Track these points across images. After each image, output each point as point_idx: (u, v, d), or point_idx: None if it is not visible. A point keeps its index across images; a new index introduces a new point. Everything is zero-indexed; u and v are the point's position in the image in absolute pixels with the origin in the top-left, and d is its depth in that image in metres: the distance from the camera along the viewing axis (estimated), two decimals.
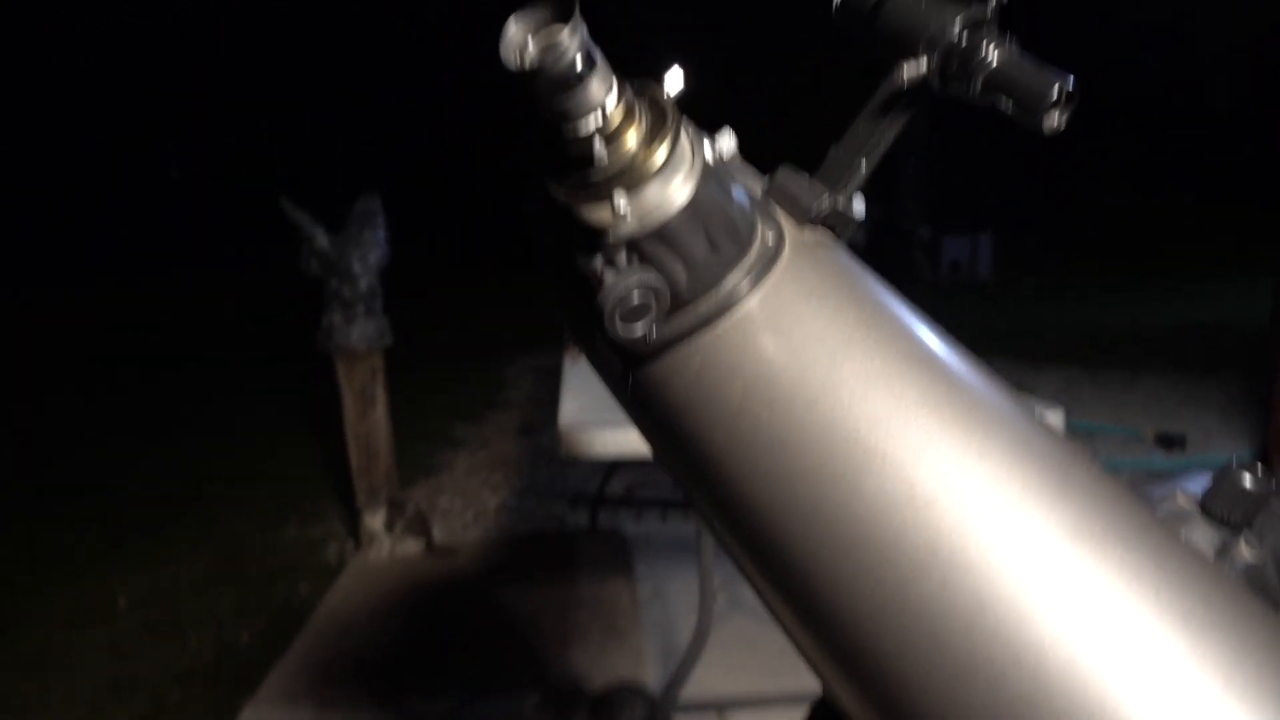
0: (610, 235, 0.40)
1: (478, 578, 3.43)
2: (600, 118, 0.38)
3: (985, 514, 0.37)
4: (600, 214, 0.40)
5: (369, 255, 3.38)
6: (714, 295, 0.42)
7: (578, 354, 0.60)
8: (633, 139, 0.39)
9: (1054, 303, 10.68)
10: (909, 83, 0.44)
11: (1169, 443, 4.68)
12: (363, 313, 3.37)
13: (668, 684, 2.44)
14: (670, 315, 0.42)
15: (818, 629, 0.41)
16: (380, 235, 3.42)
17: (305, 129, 16.96)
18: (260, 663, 2.85)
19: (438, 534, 3.75)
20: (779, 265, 0.43)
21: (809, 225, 0.45)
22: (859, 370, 0.40)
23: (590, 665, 2.74)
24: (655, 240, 0.40)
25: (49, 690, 2.81)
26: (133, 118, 16.76)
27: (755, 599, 0.45)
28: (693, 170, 0.40)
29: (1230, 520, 0.43)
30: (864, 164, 0.46)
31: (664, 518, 3.86)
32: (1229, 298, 9.45)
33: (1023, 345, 7.32)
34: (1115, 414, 5.32)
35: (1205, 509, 0.43)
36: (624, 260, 0.41)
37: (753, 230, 0.43)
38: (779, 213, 0.45)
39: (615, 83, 0.38)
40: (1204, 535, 0.42)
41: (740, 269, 0.42)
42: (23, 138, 15.50)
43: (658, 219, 0.39)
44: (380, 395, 3.52)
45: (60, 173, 16.38)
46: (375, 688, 2.69)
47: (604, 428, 2.22)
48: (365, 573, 3.45)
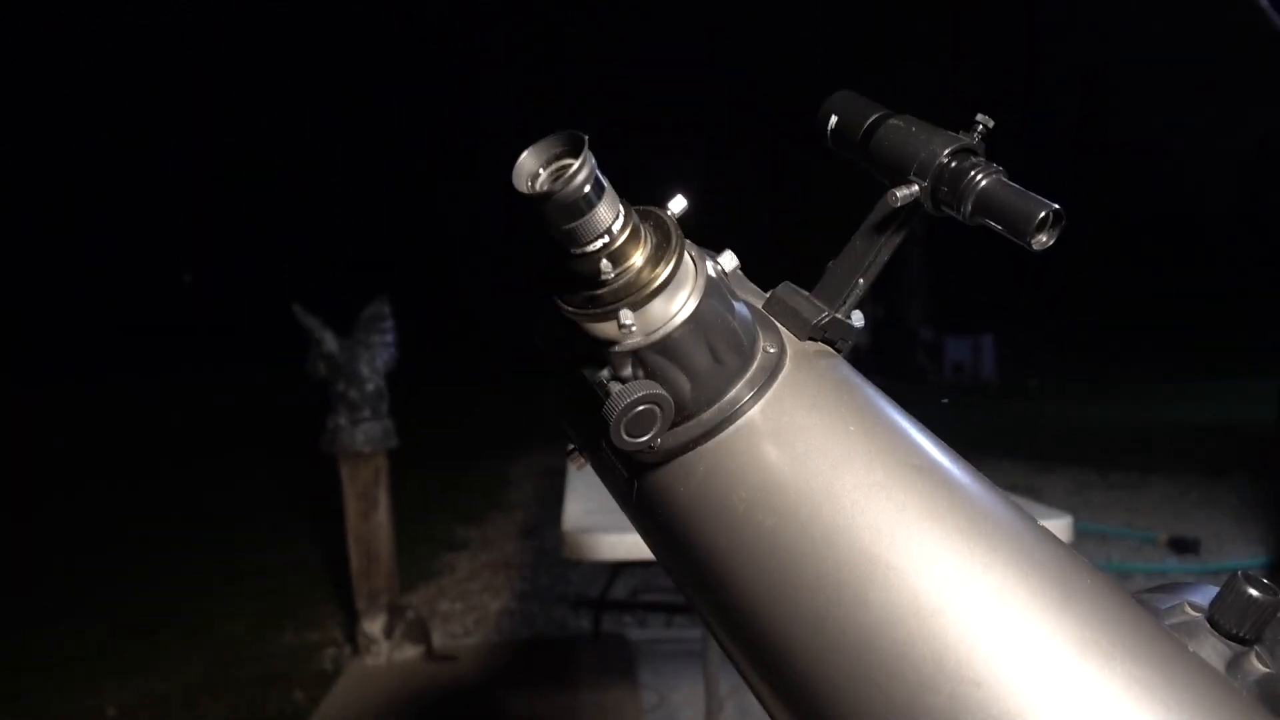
0: (616, 348, 0.41)
1: (478, 684, 3.33)
2: (607, 240, 0.40)
3: (991, 626, 0.37)
4: (606, 328, 0.41)
5: (377, 358, 3.41)
6: (717, 406, 0.43)
7: (582, 463, 0.61)
8: (638, 258, 0.41)
9: (1059, 403, 10.67)
10: (902, 202, 0.46)
11: (1182, 547, 4.59)
12: (369, 415, 3.39)
13: None
14: (674, 425, 0.43)
15: None
16: (389, 339, 3.46)
17: (317, 234, 17.36)
18: None
19: (438, 639, 3.66)
20: (780, 377, 0.44)
21: (809, 339, 0.46)
22: (861, 480, 0.41)
23: None
24: (660, 353, 0.41)
25: None
26: (149, 223, 17.19)
27: (762, 710, 0.45)
28: (696, 286, 0.42)
29: (1239, 634, 0.42)
30: (861, 281, 0.48)
31: (669, 623, 3.77)
32: (1235, 399, 9.44)
33: (1030, 446, 7.28)
34: (1127, 517, 5.24)
35: (1213, 621, 0.43)
36: (629, 372, 0.42)
37: (755, 343, 0.44)
38: (780, 326, 0.46)
39: (622, 208, 0.40)
40: (1213, 648, 0.42)
41: (743, 380, 0.43)
42: (39, 239, 15.87)
43: (662, 333, 0.41)
44: (383, 497, 3.50)
45: (74, 273, 16.70)
46: None
47: (608, 531, 2.19)
48: (363, 679, 3.36)
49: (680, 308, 0.41)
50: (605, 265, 0.40)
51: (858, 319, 0.48)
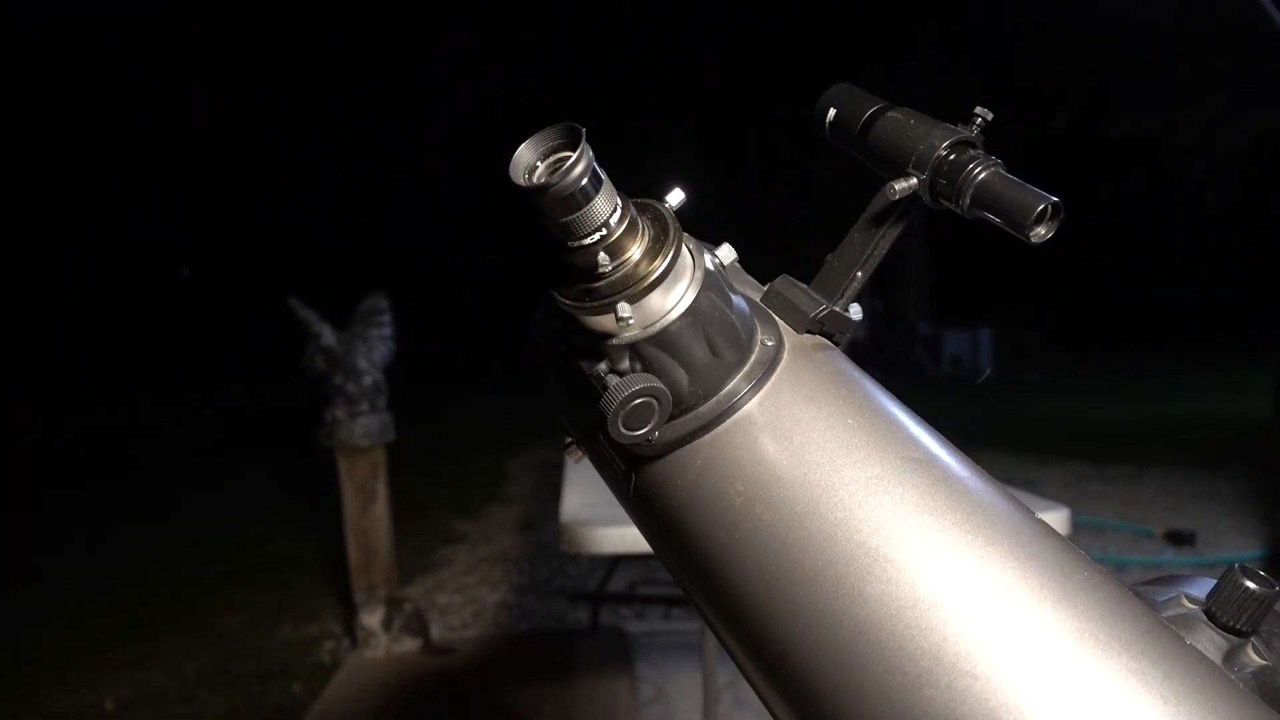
0: (614, 341, 0.41)
1: (476, 677, 3.33)
2: (604, 233, 0.40)
3: (989, 620, 0.37)
4: (604, 321, 0.41)
5: (375, 352, 3.41)
6: (715, 399, 0.43)
7: (580, 456, 0.61)
8: (635, 251, 0.41)
9: (1057, 397, 10.68)
10: (900, 195, 0.46)
11: (1179, 540, 4.60)
12: (366, 409, 3.38)
13: None
14: (672, 418, 0.43)
15: None
16: (387, 332, 3.46)
17: (315, 227, 17.33)
18: None
19: (436, 632, 3.67)
20: (778, 370, 0.44)
21: (807, 332, 0.46)
22: (859, 474, 0.41)
23: None
24: (657, 346, 0.41)
25: None
26: (146, 217, 17.15)
27: (760, 702, 0.45)
28: (693, 280, 0.41)
29: (1236, 626, 0.42)
30: (860, 274, 0.47)
31: (667, 615, 3.78)
32: (1231, 391, 9.45)
33: (1028, 440, 7.29)
34: (1123, 510, 5.25)
35: (1210, 614, 0.43)
36: (627, 365, 0.42)
37: (752, 336, 0.44)
38: (778, 320, 0.46)
39: (619, 200, 0.40)
40: (1210, 641, 0.42)
41: (740, 374, 0.43)
42: (34, 233, 15.84)
43: (660, 326, 0.41)
44: (381, 491, 3.50)
45: (70, 267, 16.67)
46: None
47: (606, 524, 2.20)
48: (361, 672, 3.36)
49: (678, 301, 0.41)
50: (603, 258, 0.40)
51: (856, 312, 0.48)
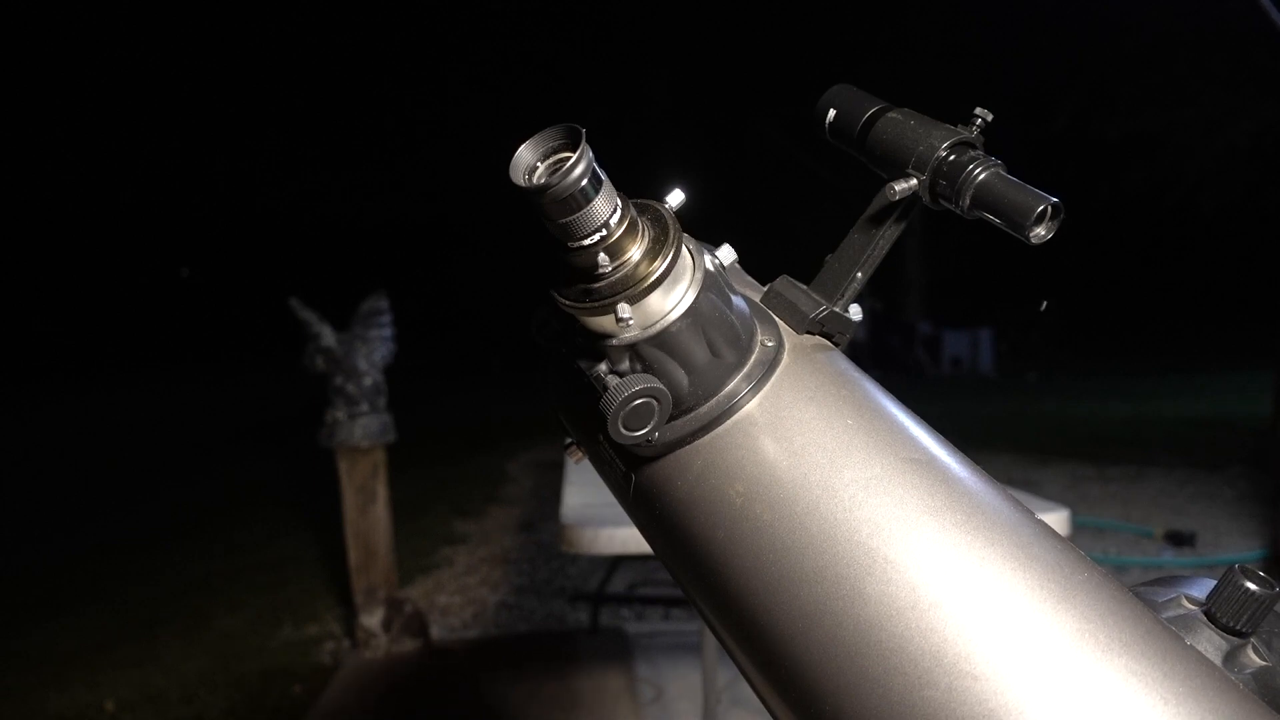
0: (614, 341, 0.41)
1: (476, 678, 3.33)
2: (604, 233, 0.40)
3: (989, 620, 0.37)
4: (604, 322, 0.41)
5: (375, 353, 3.41)
6: (715, 400, 0.43)
7: (580, 456, 0.61)
8: (636, 252, 0.41)
9: (1057, 397, 10.68)
10: (900, 196, 0.46)
11: (1179, 541, 4.61)
12: (366, 409, 3.38)
13: None
14: (672, 419, 0.43)
15: None
16: (387, 332, 3.46)
17: (315, 228, 17.33)
18: None
19: (435, 632, 3.67)
20: (778, 370, 0.44)
21: (807, 332, 0.46)
22: (859, 474, 0.41)
23: None
24: (657, 346, 0.41)
25: None
26: (146, 218, 17.16)
27: (760, 703, 0.45)
28: (693, 280, 0.41)
29: (1236, 627, 0.42)
30: (860, 275, 0.47)
31: (666, 616, 3.78)
32: (1231, 392, 9.45)
33: (1028, 440, 7.29)
34: (1123, 510, 5.25)
35: (1210, 615, 0.43)
36: (627, 366, 0.42)
37: (752, 337, 0.44)
38: (778, 320, 0.46)
39: (619, 201, 0.40)
40: (1210, 641, 0.42)
41: (740, 374, 0.43)
42: (34, 233, 15.84)
43: (659, 326, 0.41)
44: (381, 492, 3.50)
45: (70, 268, 16.67)
46: None
47: (606, 524, 2.20)
48: (361, 673, 3.36)
49: (678, 301, 0.41)
50: (603, 258, 0.40)
51: (856, 313, 0.48)
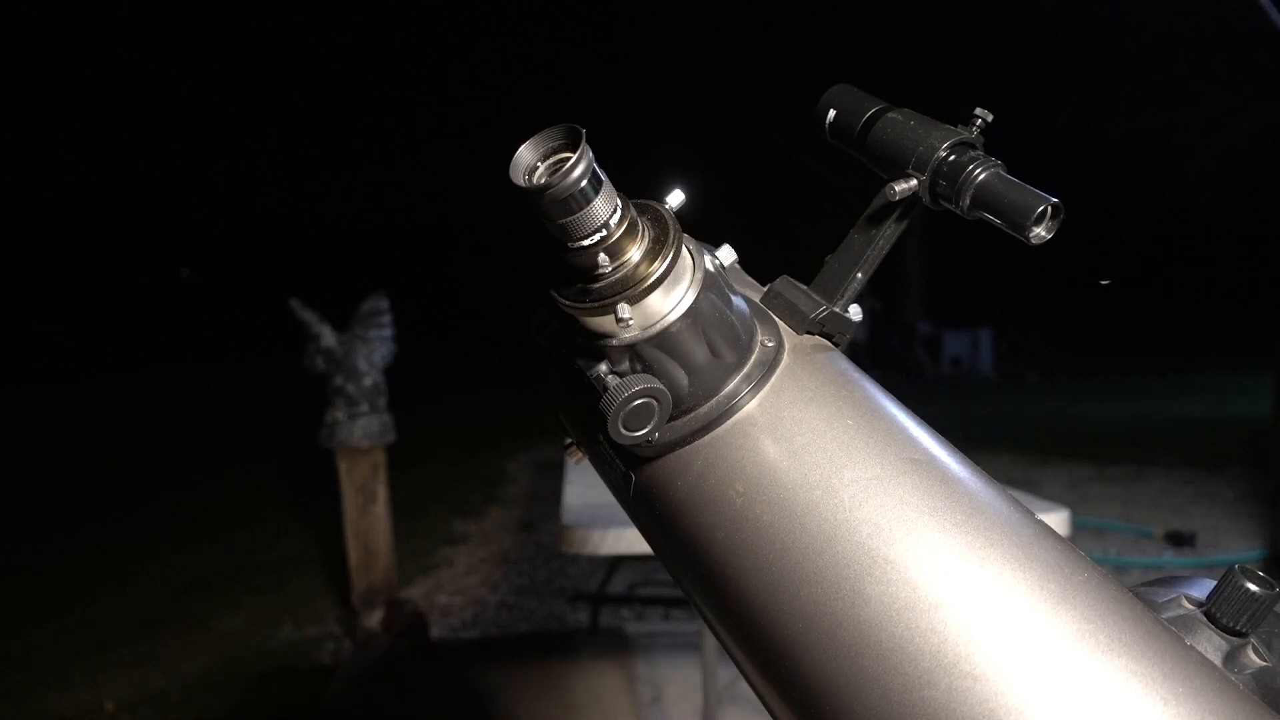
0: (613, 342, 0.41)
1: (476, 678, 3.33)
2: (604, 234, 0.40)
3: (989, 621, 0.37)
4: (604, 322, 0.41)
5: (375, 353, 3.41)
6: (715, 400, 0.43)
7: (580, 457, 0.61)
8: (635, 252, 0.41)
9: (1057, 397, 10.67)
10: (900, 196, 0.46)
11: (1179, 541, 4.60)
12: (366, 410, 3.38)
13: None
14: (672, 419, 0.43)
15: None
16: (387, 333, 3.46)
17: (314, 227, 17.33)
18: None
19: (435, 633, 3.67)
20: (778, 371, 0.44)
21: (807, 333, 0.46)
22: (859, 475, 0.41)
23: None
24: (657, 347, 0.41)
25: None
26: (146, 218, 17.15)
27: (760, 703, 0.45)
28: (693, 281, 0.41)
29: (1236, 627, 0.42)
30: (860, 275, 0.47)
31: (666, 616, 3.78)
32: (1231, 392, 9.45)
33: (1028, 440, 7.29)
34: (1123, 511, 5.25)
35: (1210, 615, 0.43)
36: (627, 366, 0.42)
37: (752, 337, 0.44)
38: (778, 321, 0.46)
39: (619, 202, 0.40)
40: (1210, 642, 0.42)
41: (740, 375, 0.43)
42: (34, 233, 15.84)
43: (659, 327, 0.41)
44: (381, 492, 3.50)
45: (72, 270, 16.67)
46: None
47: (606, 525, 2.19)
48: (361, 673, 3.36)
49: (678, 302, 0.41)
50: (603, 259, 0.40)
51: (856, 313, 0.48)
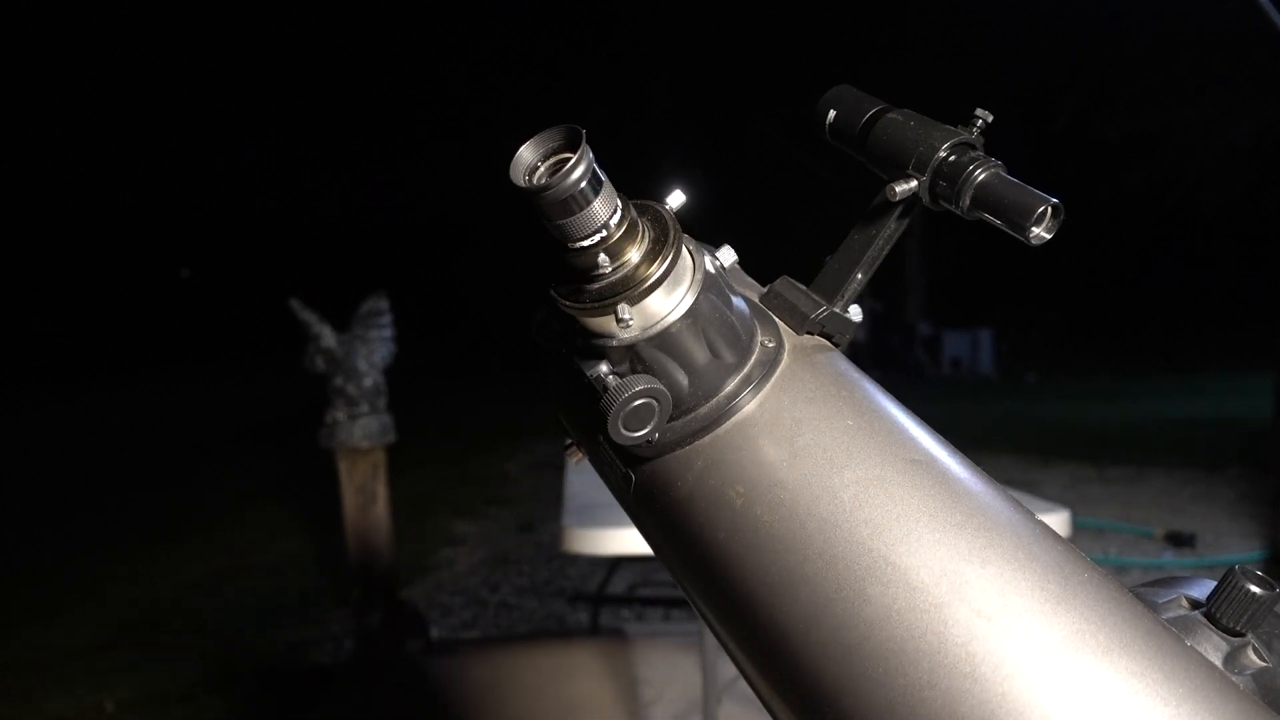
0: (614, 342, 0.41)
1: (476, 679, 3.33)
2: (604, 234, 0.40)
3: (989, 621, 0.37)
4: (604, 322, 0.41)
5: (375, 353, 3.41)
6: (715, 401, 0.43)
7: (580, 457, 0.61)
8: (635, 253, 0.41)
9: (1057, 397, 10.68)
10: (900, 197, 0.46)
11: (1179, 541, 4.61)
12: (367, 410, 3.38)
13: None
14: (672, 420, 0.43)
15: None
16: (387, 333, 3.46)
17: (314, 227, 17.33)
18: None
19: (436, 633, 3.67)
20: (778, 371, 0.44)
21: (807, 333, 0.46)
22: (859, 475, 0.41)
23: None
24: (657, 347, 0.41)
25: None
26: (146, 218, 17.16)
27: (760, 704, 0.45)
28: (693, 281, 0.41)
29: (1236, 628, 0.42)
30: (860, 276, 0.47)
31: (666, 617, 3.78)
32: (1231, 392, 9.45)
33: (1028, 441, 7.29)
34: (1123, 511, 5.25)
35: (1210, 616, 0.43)
36: (627, 367, 0.42)
37: (752, 338, 0.44)
38: (778, 321, 0.46)
39: (619, 202, 0.40)
40: (1210, 642, 0.42)
41: (740, 375, 0.43)
42: (34, 234, 15.84)
43: (659, 327, 0.41)
44: (381, 492, 3.50)
45: (72, 270, 16.67)
46: None
47: (606, 525, 2.19)
48: (361, 674, 3.36)
49: (678, 303, 0.41)
50: (603, 259, 0.40)
51: (856, 313, 0.48)
